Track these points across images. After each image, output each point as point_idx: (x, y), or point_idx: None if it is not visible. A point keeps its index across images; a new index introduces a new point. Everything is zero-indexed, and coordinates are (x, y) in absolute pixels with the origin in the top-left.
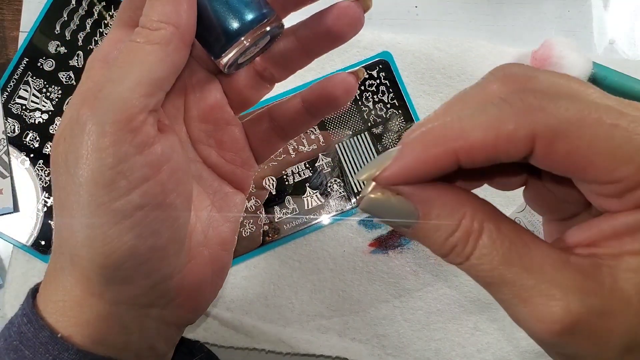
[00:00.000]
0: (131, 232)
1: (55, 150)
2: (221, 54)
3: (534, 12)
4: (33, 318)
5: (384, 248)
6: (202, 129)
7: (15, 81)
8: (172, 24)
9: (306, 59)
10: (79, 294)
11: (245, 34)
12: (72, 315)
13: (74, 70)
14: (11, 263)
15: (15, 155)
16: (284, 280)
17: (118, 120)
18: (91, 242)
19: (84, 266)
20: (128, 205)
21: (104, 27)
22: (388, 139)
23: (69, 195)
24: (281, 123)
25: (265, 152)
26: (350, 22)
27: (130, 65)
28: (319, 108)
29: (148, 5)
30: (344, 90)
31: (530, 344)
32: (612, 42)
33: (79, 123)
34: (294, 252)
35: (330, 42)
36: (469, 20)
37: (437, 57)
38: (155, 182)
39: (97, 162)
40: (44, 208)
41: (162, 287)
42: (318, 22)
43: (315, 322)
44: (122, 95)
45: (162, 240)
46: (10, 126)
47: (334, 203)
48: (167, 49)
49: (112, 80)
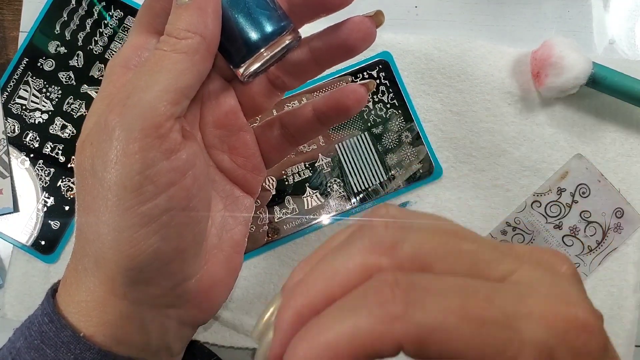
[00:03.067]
0: (157, 235)
1: (81, 154)
2: (241, 64)
3: (534, 12)
4: (55, 318)
5: None
6: (216, 134)
7: (15, 81)
8: (199, 33)
9: (318, 69)
10: (102, 294)
11: (265, 46)
12: (94, 315)
13: (74, 70)
14: (11, 263)
15: (15, 155)
16: (284, 280)
17: (146, 127)
18: (118, 244)
19: (109, 268)
20: (155, 209)
21: (103, 27)
22: (388, 139)
23: (96, 199)
24: (292, 130)
25: (274, 157)
26: (363, 36)
27: (158, 73)
28: (329, 117)
29: (174, 14)
30: (355, 101)
31: None
32: (612, 42)
33: (107, 129)
34: (294, 252)
35: (342, 55)
36: (469, 20)
37: (437, 57)
38: (181, 187)
39: (125, 167)
40: (44, 208)
41: (182, 288)
42: (332, 35)
43: None
44: (150, 103)
45: (185, 243)
46: (10, 126)
47: (334, 203)
48: (193, 58)
49: (139, 87)
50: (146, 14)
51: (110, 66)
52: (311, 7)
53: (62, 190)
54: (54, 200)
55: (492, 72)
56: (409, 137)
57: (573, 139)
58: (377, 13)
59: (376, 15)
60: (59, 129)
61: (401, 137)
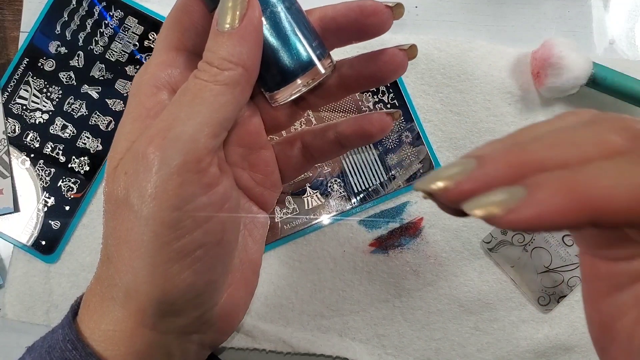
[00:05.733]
0: (190, 269)
1: (114, 182)
2: (274, 90)
3: (534, 12)
4: (79, 345)
5: (384, 248)
6: (238, 152)
7: (15, 81)
8: (241, 65)
9: (344, 94)
10: (132, 325)
11: (300, 76)
12: (122, 344)
13: (74, 70)
14: (11, 263)
15: (15, 155)
16: (284, 280)
17: (187, 162)
18: (153, 279)
19: (141, 300)
20: (191, 244)
21: (104, 27)
22: (388, 139)
23: (130, 232)
24: (312, 150)
25: (292, 174)
26: (395, 69)
27: (199, 105)
28: (351, 141)
29: (215, 41)
30: (379, 129)
31: (530, 344)
32: (612, 43)
33: (145, 160)
34: (294, 252)
35: (371, 84)
36: (468, 20)
37: (437, 57)
38: (217, 221)
39: (164, 202)
40: (44, 208)
41: (207, 316)
42: (364, 64)
43: (316, 321)
44: (192, 137)
45: (216, 275)
46: (10, 126)
47: (334, 203)
48: (234, 90)
49: (180, 119)
50: (174, 29)
51: (137, 84)
52: (346, 33)
53: (63, 190)
54: (54, 200)
55: (492, 72)
56: (409, 137)
57: None
58: (412, 47)
59: (410, 49)
60: (59, 129)
61: (401, 137)
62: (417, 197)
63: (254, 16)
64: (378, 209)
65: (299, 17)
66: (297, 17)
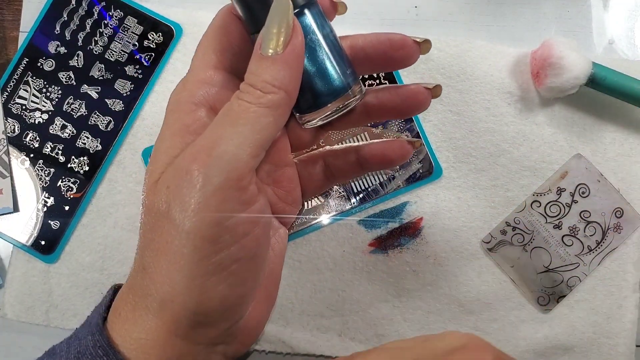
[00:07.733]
0: (225, 282)
1: (155, 195)
2: (306, 113)
3: (533, 12)
4: (110, 352)
5: (384, 248)
6: (265, 168)
7: (15, 81)
8: (284, 89)
9: (366, 120)
10: (164, 334)
11: (333, 101)
12: (153, 353)
13: (74, 70)
14: (11, 263)
15: (15, 155)
16: (284, 280)
17: (229, 179)
18: (189, 290)
19: (176, 311)
20: (227, 258)
21: (103, 27)
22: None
23: (170, 244)
24: (333, 169)
25: (312, 191)
26: (418, 106)
27: (242, 125)
28: (372, 165)
29: (258, 64)
30: (400, 156)
31: (529, 344)
32: (612, 42)
33: (189, 176)
34: (294, 252)
35: (392, 115)
36: (468, 20)
37: (436, 57)
38: (252, 236)
39: (206, 217)
40: (44, 208)
41: (234, 328)
42: (388, 97)
43: (315, 322)
44: (236, 156)
45: (247, 289)
46: (10, 126)
47: (333, 203)
48: (276, 112)
49: (224, 138)
50: (212, 48)
51: (175, 100)
52: (374, 63)
53: (62, 190)
54: (54, 200)
55: (492, 72)
56: (409, 137)
57: (573, 138)
58: (437, 87)
59: (435, 89)
60: (59, 129)
61: (401, 137)
62: (416, 197)
63: (297, 43)
64: (377, 209)
65: (335, 44)
66: (334, 45)
